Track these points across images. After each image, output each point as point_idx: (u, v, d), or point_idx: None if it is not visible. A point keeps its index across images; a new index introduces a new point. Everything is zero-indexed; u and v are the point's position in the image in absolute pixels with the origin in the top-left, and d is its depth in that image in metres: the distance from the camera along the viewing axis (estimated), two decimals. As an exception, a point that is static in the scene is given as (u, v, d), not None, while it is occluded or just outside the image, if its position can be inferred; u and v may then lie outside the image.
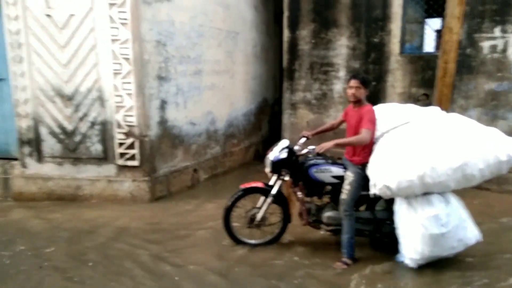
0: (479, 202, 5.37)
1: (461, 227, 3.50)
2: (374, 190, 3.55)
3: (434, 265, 3.60)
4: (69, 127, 5.21)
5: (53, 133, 5.24)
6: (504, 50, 6.09)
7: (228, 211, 4.03)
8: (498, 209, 5.31)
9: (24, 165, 5.35)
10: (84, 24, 4.95)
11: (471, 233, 3.58)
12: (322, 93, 7.35)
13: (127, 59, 5.00)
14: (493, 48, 6.16)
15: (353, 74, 3.88)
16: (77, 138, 5.23)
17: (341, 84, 7.11)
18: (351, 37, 7.02)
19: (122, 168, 5.26)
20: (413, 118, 3.80)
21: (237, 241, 4.10)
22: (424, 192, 3.49)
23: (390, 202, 3.81)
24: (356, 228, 3.81)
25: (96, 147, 5.24)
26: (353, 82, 3.64)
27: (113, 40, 4.97)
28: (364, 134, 3.49)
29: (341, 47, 7.10)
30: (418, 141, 3.54)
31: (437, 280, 3.44)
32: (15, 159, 5.48)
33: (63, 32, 4.99)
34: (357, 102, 3.70)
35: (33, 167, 5.34)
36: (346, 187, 3.70)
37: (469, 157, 3.39)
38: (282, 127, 7.76)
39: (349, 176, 3.71)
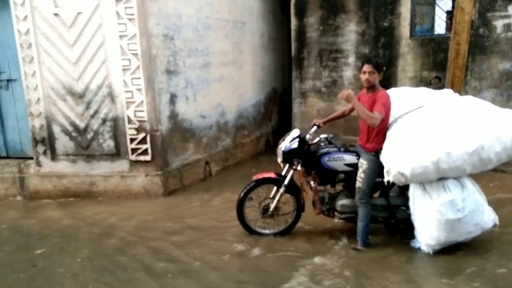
0: (495, 185, 5.29)
1: (478, 212, 3.45)
2: (388, 177, 3.49)
3: (450, 250, 3.56)
4: (81, 124, 5.26)
5: (65, 131, 5.30)
6: (518, 29, 5.94)
7: (241, 202, 4.04)
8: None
9: (38, 164, 5.44)
10: (91, 21, 4.97)
11: (488, 217, 3.53)
12: (331, 80, 7.28)
13: (135, 54, 5.01)
14: (507, 27, 6.01)
15: (366, 58, 3.80)
16: (89, 135, 5.28)
17: (350, 71, 7.03)
18: (359, 22, 6.92)
19: (135, 163, 5.31)
20: (426, 102, 3.73)
21: (251, 232, 4.11)
22: (439, 178, 3.44)
23: (404, 188, 3.77)
24: (371, 215, 3.80)
25: (108, 143, 5.29)
26: (367, 67, 3.55)
27: (121, 36, 4.97)
28: (375, 115, 3.37)
29: (350, 32, 7.01)
30: (432, 125, 3.47)
31: (453, 266, 3.41)
32: (30, 158, 5.57)
33: (72, 30, 5.01)
34: (371, 87, 3.61)
35: (48, 165, 5.42)
36: (361, 175, 3.67)
37: (485, 140, 3.31)
38: (292, 116, 7.73)
39: (363, 163, 3.67)
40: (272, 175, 4.05)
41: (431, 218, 3.42)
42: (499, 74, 6.14)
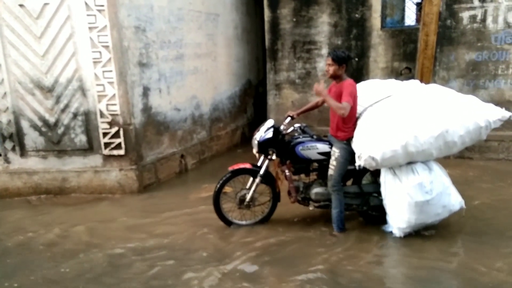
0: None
1: (445, 194, 3.60)
2: (359, 162, 3.61)
3: (420, 233, 3.72)
4: (51, 119, 5.13)
5: (35, 126, 5.16)
6: (483, 20, 6.14)
7: (217, 194, 4.05)
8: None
9: (7, 161, 5.27)
10: (59, 12, 4.83)
11: (454, 199, 3.68)
12: (306, 72, 7.34)
13: (106, 46, 4.90)
14: (473, 18, 6.20)
15: (329, 51, 3.95)
16: (60, 130, 5.15)
17: (324, 62, 7.08)
18: (332, 13, 6.99)
19: (108, 157, 5.22)
20: (394, 91, 3.89)
21: (228, 223, 4.13)
22: (408, 162, 3.58)
23: (376, 175, 3.89)
24: (344, 203, 3.90)
25: (80, 138, 5.18)
26: (327, 59, 3.75)
27: (91, 28, 4.86)
28: (344, 105, 3.51)
29: (323, 24, 7.07)
30: (400, 112, 3.61)
31: (423, 247, 3.55)
32: (-2, 154, 5.40)
33: (38, 22, 4.85)
34: (336, 78, 3.76)
35: (17, 161, 5.26)
36: (333, 163, 3.76)
37: (449, 124, 3.48)
38: (267, 108, 7.76)
39: (335, 152, 3.75)
40: (247, 165, 4.08)
41: (402, 201, 3.56)
42: (465, 64, 6.34)
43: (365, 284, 3.05)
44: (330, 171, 3.77)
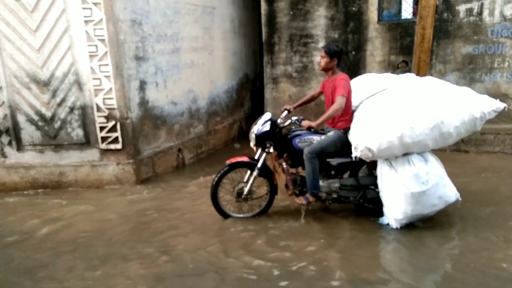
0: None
1: (441, 185, 3.62)
2: (356, 153, 3.64)
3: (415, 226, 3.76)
4: (48, 113, 5.11)
5: (31, 121, 5.14)
6: (479, 13, 6.14)
7: (215, 187, 4.06)
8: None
9: (4, 155, 5.25)
10: (54, 5, 4.79)
11: (450, 191, 3.71)
12: (302, 65, 7.33)
13: (102, 40, 4.88)
14: (469, 11, 6.20)
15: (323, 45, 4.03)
16: (57, 124, 5.14)
17: (321, 56, 7.10)
18: (329, 7, 6.98)
19: (105, 152, 5.22)
20: (390, 84, 3.92)
21: (226, 216, 4.15)
22: (404, 153, 3.60)
23: (372, 168, 3.92)
24: (341, 196, 3.94)
25: (77, 132, 5.17)
26: (321, 52, 3.83)
27: (87, 21, 4.83)
28: (338, 101, 3.61)
29: (320, 17, 7.06)
30: (396, 104, 3.64)
31: (420, 239, 3.57)
32: (-5, 149, 5.38)
33: (33, 15, 4.82)
34: (328, 71, 3.84)
35: (14, 156, 5.25)
36: (322, 137, 3.82)
37: (445, 115, 3.51)
38: (264, 102, 7.76)
39: (330, 133, 3.85)
40: (245, 159, 4.09)
41: (398, 192, 3.58)
42: (462, 57, 6.35)
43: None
44: (314, 141, 3.82)
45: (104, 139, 5.15)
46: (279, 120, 4.04)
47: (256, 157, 4.08)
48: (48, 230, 4.05)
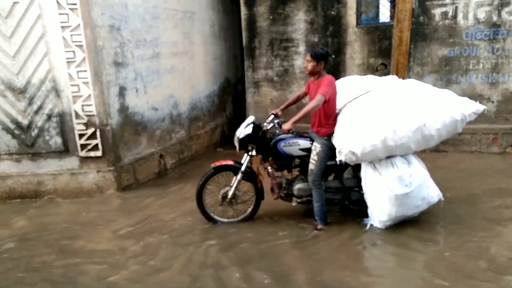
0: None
1: (424, 186, 3.69)
2: (340, 156, 3.66)
3: (400, 225, 3.79)
4: (24, 121, 4.96)
5: (7, 129, 4.98)
6: (454, 16, 6.31)
7: (200, 191, 4.02)
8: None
9: (-21, 165, 5.08)
10: (30, 11, 4.67)
11: (433, 192, 3.78)
12: (283, 69, 7.36)
13: (80, 46, 4.78)
14: (444, 14, 6.37)
15: (307, 48, 3.97)
16: (34, 132, 4.99)
17: (301, 60, 7.14)
18: (308, 11, 7.04)
19: (85, 159, 5.10)
20: (372, 87, 3.93)
21: (211, 220, 4.11)
22: (387, 156, 3.64)
23: (357, 170, 3.95)
24: (326, 198, 3.94)
25: (55, 140, 5.04)
26: (306, 56, 3.77)
27: (63, 27, 4.72)
28: (317, 98, 3.54)
29: (299, 21, 7.11)
30: (379, 107, 3.67)
31: (403, 239, 3.62)
32: (-32, 159, 5.18)
33: (8, 21, 4.68)
34: (314, 74, 3.79)
35: (-11, 166, 5.08)
36: (314, 158, 3.79)
37: (427, 118, 3.57)
38: (246, 106, 7.75)
39: (316, 147, 3.79)
40: (230, 162, 4.07)
41: (382, 194, 3.62)
42: (438, 60, 6.50)
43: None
44: (311, 166, 3.81)
45: (83, 146, 5.04)
46: (264, 124, 4.03)
47: (242, 162, 4.06)
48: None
